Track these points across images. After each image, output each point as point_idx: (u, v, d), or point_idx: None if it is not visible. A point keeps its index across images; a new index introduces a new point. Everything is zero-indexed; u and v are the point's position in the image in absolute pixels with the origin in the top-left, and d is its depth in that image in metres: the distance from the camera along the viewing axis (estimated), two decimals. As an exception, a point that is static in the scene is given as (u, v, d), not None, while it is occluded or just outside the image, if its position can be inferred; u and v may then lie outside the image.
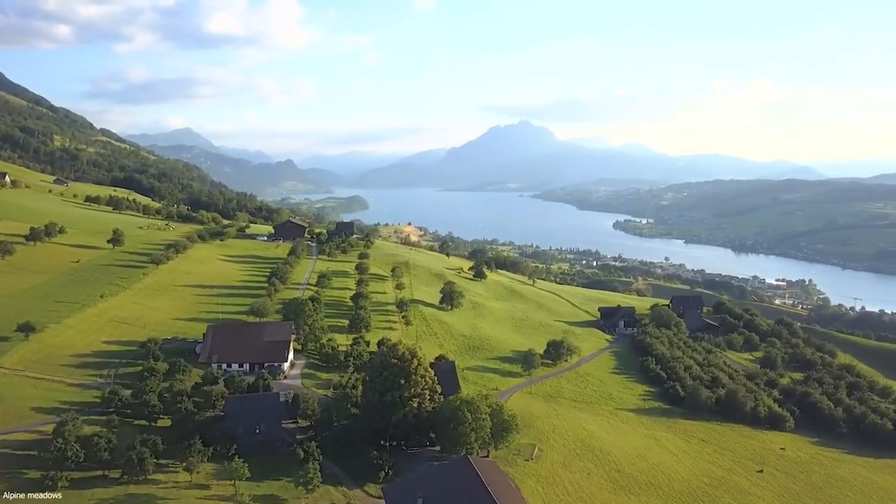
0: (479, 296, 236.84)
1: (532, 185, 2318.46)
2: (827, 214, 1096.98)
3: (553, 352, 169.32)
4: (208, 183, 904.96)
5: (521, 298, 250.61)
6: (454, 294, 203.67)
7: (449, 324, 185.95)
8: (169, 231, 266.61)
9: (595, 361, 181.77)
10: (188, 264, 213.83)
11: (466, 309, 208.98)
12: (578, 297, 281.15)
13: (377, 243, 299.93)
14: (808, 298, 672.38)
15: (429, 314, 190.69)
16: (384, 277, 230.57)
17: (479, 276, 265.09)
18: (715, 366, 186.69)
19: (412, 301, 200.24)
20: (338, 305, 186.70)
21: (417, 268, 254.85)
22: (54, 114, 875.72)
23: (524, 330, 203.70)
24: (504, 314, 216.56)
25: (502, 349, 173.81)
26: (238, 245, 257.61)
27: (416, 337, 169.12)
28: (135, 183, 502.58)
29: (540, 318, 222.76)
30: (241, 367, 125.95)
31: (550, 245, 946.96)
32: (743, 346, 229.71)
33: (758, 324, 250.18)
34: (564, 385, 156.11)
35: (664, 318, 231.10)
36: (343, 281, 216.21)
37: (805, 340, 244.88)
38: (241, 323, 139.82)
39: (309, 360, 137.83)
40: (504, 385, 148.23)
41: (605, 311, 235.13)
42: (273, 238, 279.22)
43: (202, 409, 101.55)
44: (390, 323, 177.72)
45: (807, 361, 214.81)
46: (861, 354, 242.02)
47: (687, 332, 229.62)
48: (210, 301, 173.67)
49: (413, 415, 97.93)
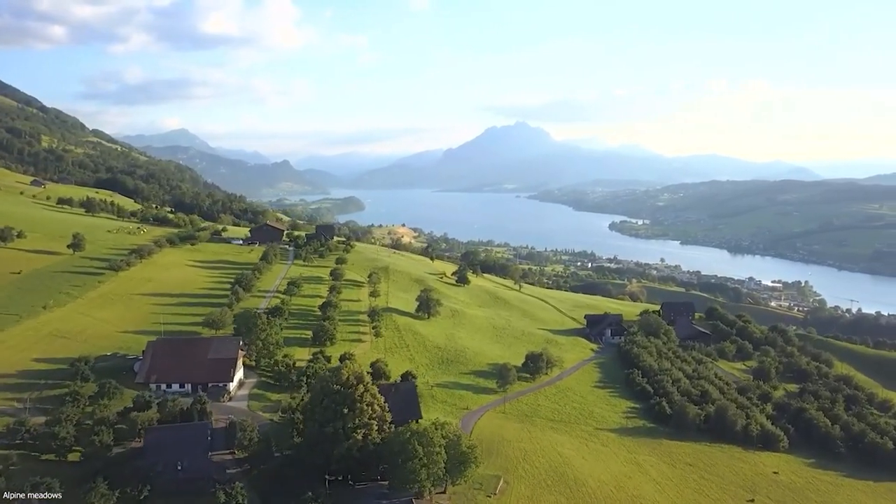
0: (460, 303, 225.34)
1: (529, 186, 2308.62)
2: (823, 215, 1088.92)
3: (531, 365, 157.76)
4: (201, 184, 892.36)
5: (505, 305, 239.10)
6: (431, 302, 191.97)
7: (423, 334, 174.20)
8: (140, 235, 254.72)
9: (578, 374, 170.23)
10: (151, 270, 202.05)
11: (444, 317, 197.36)
12: (566, 303, 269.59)
13: (358, 247, 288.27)
14: (803, 300, 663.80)
15: (403, 324, 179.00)
16: (360, 284, 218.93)
17: (462, 282, 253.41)
18: (705, 378, 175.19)
19: (386, 310, 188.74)
20: (305, 315, 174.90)
21: (397, 273, 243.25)
22: (45, 114, 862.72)
23: (505, 340, 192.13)
24: (485, 322, 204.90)
25: (478, 362, 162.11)
26: (210, 249, 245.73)
27: (384, 350, 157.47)
28: (118, 184, 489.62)
29: (523, 326, 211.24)
30: (182, 387, 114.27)
31: (546, 246, 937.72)
32: (735, 356, 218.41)
33: (751, 331, 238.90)
34: (542, 402, 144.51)
35: (653, 326, 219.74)
36: (315, 288, 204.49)
37: (800, 349, 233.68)
38: (183, 339, 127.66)
39: (261, 378, 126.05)
40: (476, 403, 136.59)
41: (591, 318, 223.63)
42: (249, 242, 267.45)
43: (124, 441, 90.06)
44: (359, 334, 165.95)
45: (802, 372, 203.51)
46: (859, 363, 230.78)
47: (677, 341, 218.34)
48: (166, 311, 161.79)
49: (358, 448, 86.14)
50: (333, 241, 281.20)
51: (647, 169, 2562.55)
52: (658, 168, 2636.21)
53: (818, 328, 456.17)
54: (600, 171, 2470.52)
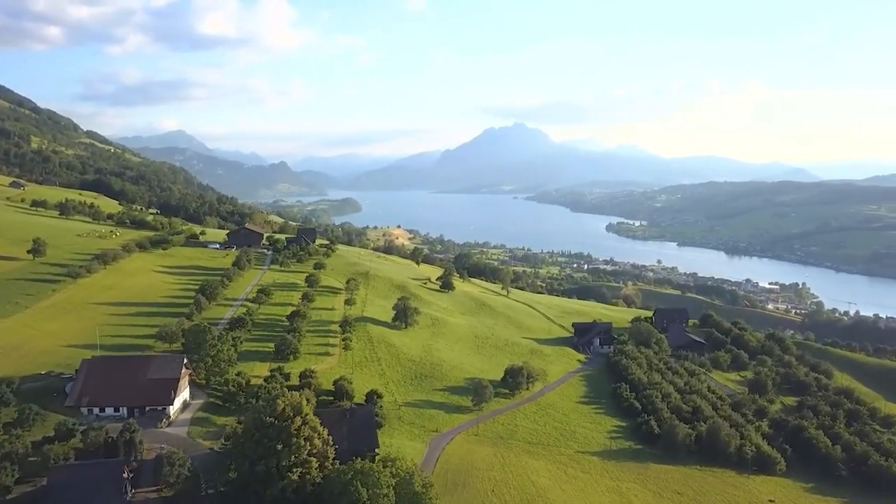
0: (443, 310, 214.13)
1: (526, 187, 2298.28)
2: (820, 216, 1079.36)
3: (511, 380, 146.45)
4: (195, 186, 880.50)
5: (491, 312, 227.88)
6: (408, 310, 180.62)
7: (398, 346, 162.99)
8: (112, 239, 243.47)
9: (562, 388, 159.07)
10: (115, 277, 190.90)
11: (423, 326, 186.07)
12: (554, 309, 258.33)
13: (341, 251, 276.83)
14: (801, 303, 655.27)
15: (377, 335, 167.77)
16: (337, 291, 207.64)
17: (447, 288, 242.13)
18: (697, 392, 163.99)
19: (361, 319, 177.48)
20: (272, 326, 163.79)
21: (378, 279, 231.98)
22: (37, 115, 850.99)
23: (486, 350, 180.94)
24: (467, 332, 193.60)
25: (455, 377, 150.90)
26: (183, 254, 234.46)
27: (353, 365, 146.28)
28: (104, 186, 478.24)
29: (507, 335, 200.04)
30: (117, 411, 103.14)
31: (542, 248, 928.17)
32: (730, 366, 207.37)
33: (747, 340, 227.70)
34: (520, 422, 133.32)
35: (644, 334, 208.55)
36: (288, 295, 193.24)
37: (798, 358, 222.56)
38: (121, 357, 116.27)
39: (210, 399, 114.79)
40: (447, 424, 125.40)
41: (579, 327, 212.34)
42: (226, 246, 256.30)
43: (34, 478, 78.99)
44: (328, 347, 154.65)
45: (800, 383, 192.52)
46: (859, 373, 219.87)
47: (669, 351, 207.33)
48: (121, 322, 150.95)
49: (294, 489, 75.00)
50: (314, 245, 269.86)
51: (645, 170, 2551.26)
52: (656, 169, 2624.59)
53: (816, 332, 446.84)
54: (598, 172, 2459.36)
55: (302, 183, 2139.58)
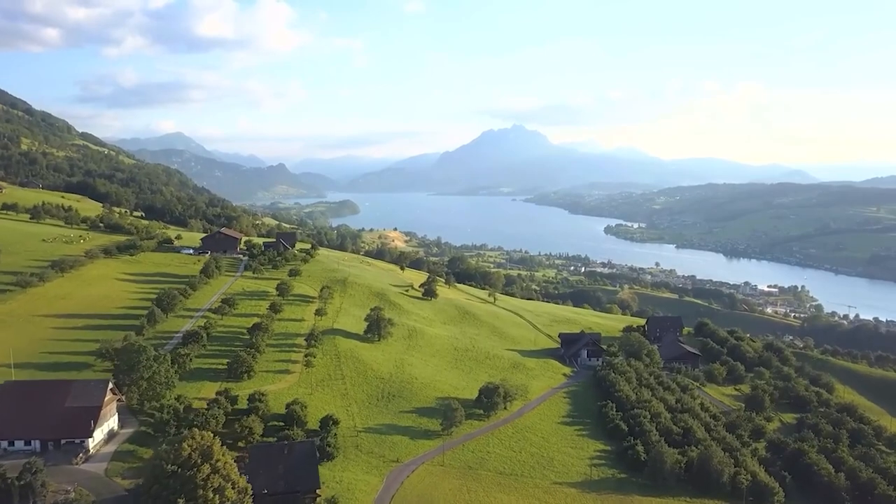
0: (423, 320, 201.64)
1: (525, 189, 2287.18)
2: (819, 218, 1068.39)
3: (486, 400, 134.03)
4: (190, 188, 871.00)
5: (474, 321, 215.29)
6: (382, 322, 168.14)
7: (367, 362, 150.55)
8: (78, 244, 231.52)
9: (543, 407, 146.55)
10: (72, 286, 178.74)
11: (399, 339, 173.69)
12: (543, 317, 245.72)
13: (321, 256, 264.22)
14: (800, 306, 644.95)
15: (345, 349, 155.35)
16: (310, 300, 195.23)
17: (430, 295, 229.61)
18: (689, 411, 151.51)
19: (330, 332, 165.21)
20: (232, 339, 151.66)
21: (356, 286, 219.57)
22: (31, 117, 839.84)
23: (465, 364, 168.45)
24: (446, 344, 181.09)
25: (425, 396, 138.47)
26: (152, 260, 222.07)
27: (314, 384, 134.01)
28: (89, 188, 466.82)
29: (489, 346, 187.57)
30: (28, 444, 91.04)
31: (540, 250, 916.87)
32: (726, 379, 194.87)
33: (744, 350, 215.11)
34: (494, 448, 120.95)
35: (635, 346, 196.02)
36: (256, 305, 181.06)
37: (798, 370, 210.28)
38: (35, 382, 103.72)
39: (141, 427, 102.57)
40: (411, 452, 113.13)
41: (566, 337, 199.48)
42: (200, 251, 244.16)
43: None
44: (289, 364, 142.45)
45: (800, 399, 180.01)
46: (862, 386, 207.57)
47: (661, 363, 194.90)
48: (66, 337, 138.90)
49: (199, 552, 63.09)
50: (293, 249, 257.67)
51: (644, 172, 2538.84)
52: (655, 171, 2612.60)
53: (815, 337, 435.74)
54: (597, 174, 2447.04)
55: (300, 185, 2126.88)
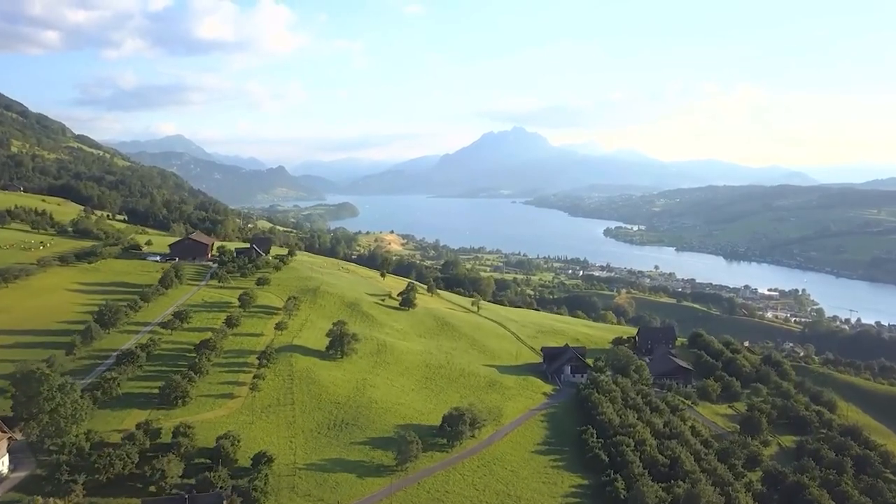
0: (396, 333, 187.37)
1: (525, 192, 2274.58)
2: (820, 221, 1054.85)
3: (449, 428, 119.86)
4: (186, 190, 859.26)
5: (453, 333, 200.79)
6: (345, 337, 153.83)
7: (323, 383, 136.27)
8: (36, 251, 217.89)
9: (517, 434, 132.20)
10: (15, 297, 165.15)
11: (365, 355, 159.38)
12: (529, 327, 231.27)
13: (296, 263, 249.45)
14: (801, 310, 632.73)
15: (302, 368, 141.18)
16: (274, 311, 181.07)
17: (407, 305, 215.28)
18: (678, 437, 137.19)
19: (288, 348, 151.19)
20: (177, 358, 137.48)
21: (328, 296, 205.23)
22: (25, 119, 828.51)
23: (436, 384, 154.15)
24: (418, 360, 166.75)
25: (384, 424, 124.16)
26: (112, 268, 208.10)
27: (258, 412, 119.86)
28: (72, 191, 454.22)
29: (466, 362, 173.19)
30: None
31: (538, 253, 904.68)
32: (721, 396, 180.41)
33: (740, 365, 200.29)
34: (454, 485, 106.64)
35: (623, 361, 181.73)
36: (213, 318, 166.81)
37: (797, 385, 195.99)
38: None
39: (38, 469, 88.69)
40: (357, 493, 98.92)
41: (548, 352, 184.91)
42: (167, 258, 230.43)
43: None
44: (234, 386, 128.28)
45: (800, 419, 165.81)
46: (866, 403, 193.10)
47: (651, 379, 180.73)
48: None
49: None
50: (267, 256, 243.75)
51: (644, 174, 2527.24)
52: (655, 173, 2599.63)
53: (817, 344, 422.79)
54: (597, 176, 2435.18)
55: (300, 187, 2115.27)
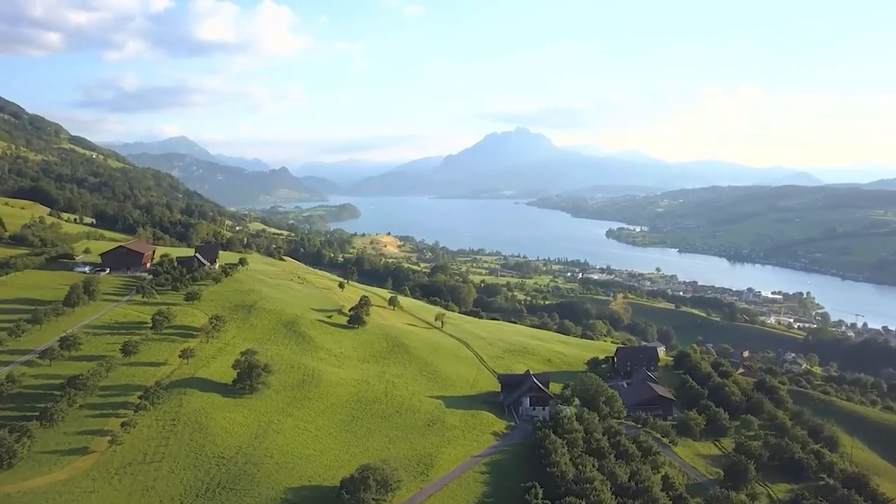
0: (333, 358, 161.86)
1: (528, 192, 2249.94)
2: (825, 222, 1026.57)
3: (347, 496, 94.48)
4: (181, 192, 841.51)
5: (403, 356, 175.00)
6: (254, 370, 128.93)
7: (213, 430, 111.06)
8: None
9: (447, 492, 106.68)
10: None
11: (281, 389, 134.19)
12: (496, 345, 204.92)
13: (243, 273, 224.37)
14: (805, 314, 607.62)
15: (193, 410, 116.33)
16: (193, 333, 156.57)
17: (356, 323, 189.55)
18: (645, 494, 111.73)
19: (186, 382, 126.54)
20: (41, 398, 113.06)
21: (265, 313, 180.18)
22: (17, 120, 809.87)
23: (365, 423, 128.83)
24: (348, 393, 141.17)
25: (273, 486, 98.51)
26: (24, 282, 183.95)
27: (111, 473, 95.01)
28: (41, 193, 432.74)
29: (409, 393, 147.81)
30: None
31: (538, 255, 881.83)
32: (705, 431, 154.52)
33: (730, 392, 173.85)
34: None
35: (591, 390, 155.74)
36: (114, 343, 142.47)
37: (795, 416, 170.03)
38: None
39: None
40: None
41: (506, 380, 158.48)
42: (97, 269, 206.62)
43: None
44: (92, 438, 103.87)
45: (796, 463, 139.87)
46: (873, 437, 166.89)
47: (625, 411, 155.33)
48: None
49: None
50: (210, 266, 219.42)
51: (648, 174, 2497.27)
52: (659, 174, 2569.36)
53: (821, 353, 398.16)
54: (601, 176, 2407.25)
55: (303, 188, 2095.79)
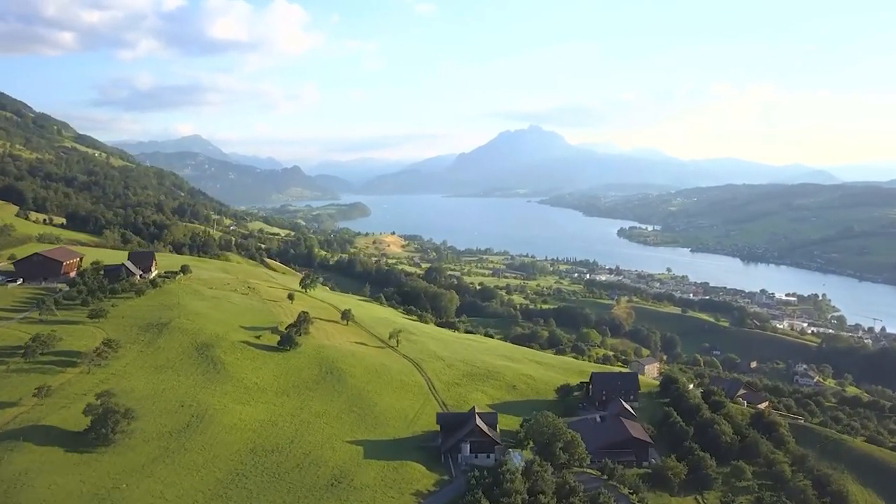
0: (244, 390, 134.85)
1: (541, 191, 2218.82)
2: (842, 221, 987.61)
3: None
4: (185, 191, 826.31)
5: (336, 386, 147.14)
6: (109, 415, 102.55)
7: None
8: None
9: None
10: None
11: (152, 438, 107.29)
12: (458, 367, 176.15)
13: (176, 284, 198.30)
14: (820, 317, 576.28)
15: (13, 474, 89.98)
16: (75, 362, 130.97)
17: (287, 345, 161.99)
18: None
19: (28, 431, 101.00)
20: None
21: (178, 334, 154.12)
22: (19, 118, 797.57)
23: (250, 484, 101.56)
24: (243, 440, 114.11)
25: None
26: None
27: None
28: (14, 192, 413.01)
29: (325, 437, 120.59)
30: None
31: (547, 255, 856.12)
32: (686, 483, 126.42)
33: (720, 431, 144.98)
34: None
35: (547, 433, 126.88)
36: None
37: (798, 460, 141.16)
38: None
39: None
40: None
41: (445, 420, 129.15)
42: (9, 279, 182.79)
43: None
44: None
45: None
46: (892, 489, 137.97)
47: (588, 459, 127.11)
48: None
49: None
50: (147, 274, 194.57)
51: (662, 173, 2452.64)
52: (673, 172, 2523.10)
53: (835, 363, 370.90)
54: (615, 175, 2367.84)
55: (315, 187, 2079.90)
